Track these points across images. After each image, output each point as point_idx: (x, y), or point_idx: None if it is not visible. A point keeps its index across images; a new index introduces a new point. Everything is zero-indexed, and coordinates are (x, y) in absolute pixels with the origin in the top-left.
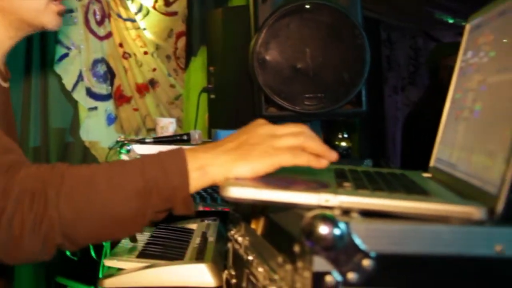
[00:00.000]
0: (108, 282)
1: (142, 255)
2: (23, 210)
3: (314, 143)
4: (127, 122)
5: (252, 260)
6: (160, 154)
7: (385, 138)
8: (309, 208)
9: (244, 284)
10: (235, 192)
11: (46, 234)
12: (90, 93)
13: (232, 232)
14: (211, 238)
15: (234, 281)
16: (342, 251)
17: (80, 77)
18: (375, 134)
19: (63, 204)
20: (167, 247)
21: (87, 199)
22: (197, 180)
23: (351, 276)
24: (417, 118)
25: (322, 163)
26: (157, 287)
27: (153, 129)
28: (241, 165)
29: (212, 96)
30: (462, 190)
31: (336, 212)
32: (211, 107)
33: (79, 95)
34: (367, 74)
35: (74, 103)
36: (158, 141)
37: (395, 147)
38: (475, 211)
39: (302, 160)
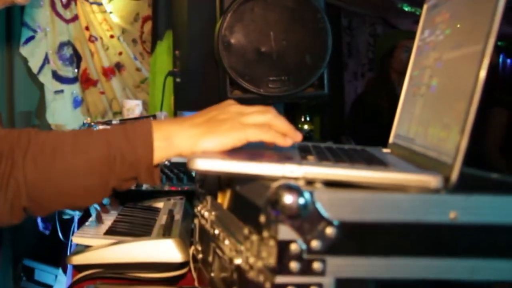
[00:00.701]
0: (76, 258)
1: (110, 232)
2: None
3: (281, 122)
4: (93, 105)
5: (219, 233)
6: (127, 124)
7: (344, 122)
8: (274, 179)
9: (210, 258)
10: (202, 164)
11: (12, 196)
12: (56, 76)
13: (199, 208)
14: (177, 216)
15: (200, 256)
16: (306, 220)
17: (46, 60)
18: (336, 118)
19: (28, 166)
20: (134, 224)
21: (51, 162)
22: (162, 150)
23: (315, 244)
24: (362, 104)
25: (288, 141)
26: (124, 263)
27: (120, 113)
28: (209, 138)
29: (178, 79)
30: (420, 162)
31: (301, 183)
32: (177, 91)
33: (45, 78)
34: (329, 58)
35: (40, 86)
36: (124, 123)
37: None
38: (432, 180)
39: (268, 136)
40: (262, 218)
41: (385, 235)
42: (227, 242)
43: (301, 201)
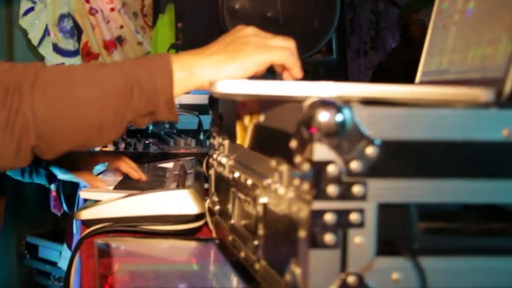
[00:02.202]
0: (84, 213)
1: (119, 187)
2: None
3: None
4: None
5: (239, 176)
6: (143, 56)
7: None
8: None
9: (229, 206)
10: (226, 87)
11: (20, 133)
12: (57, 49)
13: (215, 156)
14: (190, 170)
15: (217, 207)
16: (345, 138)
17: (46, 32)
18: None
19: (37, 100)
20: (145, 181)
21: (63, 95)
22: (182, 82)
23: (355, 165)
24: (386, 68)
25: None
26: (136, 216)
27: None
28: (231, 64)
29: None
30: None
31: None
32: None
33: (46, 50)
34: (337, 22)
35: (41, 59)
36: None
37: None
38: (482, 93)
39: (292, 60)
40: (294, 143)
41: (430, 155)
42: (249, 181)
43: (339, 117)
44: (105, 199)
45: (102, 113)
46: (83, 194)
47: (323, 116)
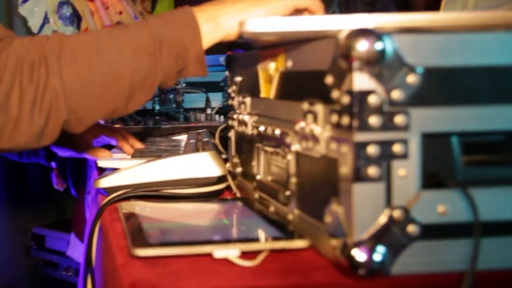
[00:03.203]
0: (104, 181)
1: (137, 155)
2: (21, 83)
3: None
4: None
5: (265, 129)
6: (165, 13)
7: None
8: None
9: (254, 164)
10: (258, 25)
11: (49, 109)
12: None
13: (235, 116)
14: (205, 139)
15: (239, 169)
16: (385, 67)
17: (46, 19)
18: None
19: (66, 71)
20: (161, 150)
21: (92, 62)
22: (209, 33)
23: (397, 94)
24: None
25: None
26: (157, 181)
27: None
28: (256, 9)
29: None
30: None
31: None
32: None
33: None
34: None
35: None
36: None
37: None
38: None
39: (316, 4)
40: (329, 78)
41: (473, 81)
42: (277, 131)
43: (379, 45)
44: (124, 167)
45: (133, 77)
46: (100, 163)
47: (363, 45)
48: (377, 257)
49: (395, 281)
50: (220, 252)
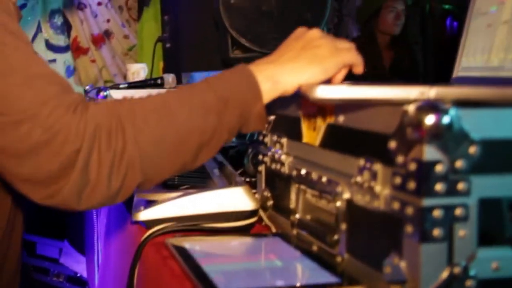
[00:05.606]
0: (143, 214)
1: (168, 186)
2: (100, 149)
3: None
4: (84, 74)
5: (306, 173)
6: (224, 72)
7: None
8: (402, 103)
9: (289, 201)
10: (324, 92)
11: (126, 173)
12: (48, 45)
13: (269, 153)
14: (229, 166)
15: (270, 202)
16: (451, 139)
17: (39, 28)
18: None
19: (141, 137)
20: (186, 177)
21: (164, 125)
22: (269, 92)
23: (460, 163)
24: None
25: None
26: (195, 215)
27: (110, 81)
28: (312, 68)
29: (168, 45)
30: None
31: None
32: (167, 56)
33: (39, 47)
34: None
35: None
36: (133, 86)
37: None
38: None
39: (359, 60)
40: (393, 144)
41: None
42: (324, 178)
43: (446, 119)
44: (159, 199)
45: (202, 135)
46: (138, 196)
47: (431, 119)
48: None
49: None
50: None
